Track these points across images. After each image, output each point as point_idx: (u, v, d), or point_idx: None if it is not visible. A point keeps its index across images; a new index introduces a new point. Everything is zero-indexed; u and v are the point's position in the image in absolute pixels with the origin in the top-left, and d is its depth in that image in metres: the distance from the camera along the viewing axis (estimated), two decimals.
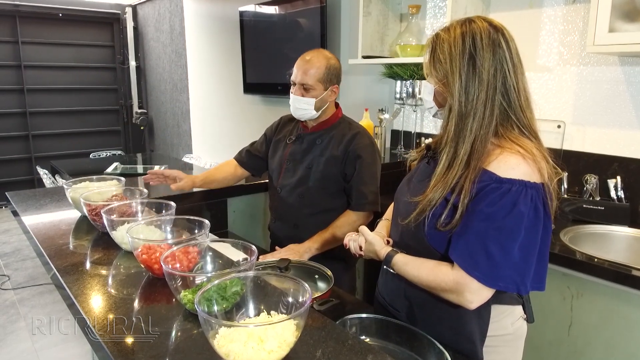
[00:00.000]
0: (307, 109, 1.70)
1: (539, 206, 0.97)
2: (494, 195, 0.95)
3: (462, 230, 0.99)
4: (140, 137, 6.43)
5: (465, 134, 1.00)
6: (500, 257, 0.95)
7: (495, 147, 1.01)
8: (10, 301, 3.34)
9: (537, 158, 0.98)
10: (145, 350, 0.85)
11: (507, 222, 0.94)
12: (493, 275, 0.96)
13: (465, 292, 0.97)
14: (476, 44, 0.99)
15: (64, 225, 1.55)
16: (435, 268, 1.03)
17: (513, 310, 1.11)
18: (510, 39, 1.02)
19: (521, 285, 0.98)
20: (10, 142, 5.82)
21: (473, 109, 0.99)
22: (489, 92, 0.99)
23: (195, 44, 4.93)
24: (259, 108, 4.09)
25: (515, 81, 1.01)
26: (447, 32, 1.04)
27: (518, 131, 1.03)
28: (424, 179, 1.11)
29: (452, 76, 1.01)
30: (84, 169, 3.95)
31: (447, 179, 1.01)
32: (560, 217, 1.92)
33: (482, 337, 1.07)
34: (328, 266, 1.42)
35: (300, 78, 1.69)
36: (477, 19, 1.04)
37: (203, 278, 0.98)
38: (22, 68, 5.70)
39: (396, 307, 1.19)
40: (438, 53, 1.04)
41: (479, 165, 0.99)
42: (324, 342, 0.89)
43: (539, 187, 0.97)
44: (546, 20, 2.05)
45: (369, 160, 1.69)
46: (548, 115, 2.08)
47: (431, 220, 1.03)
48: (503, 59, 1.00)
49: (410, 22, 2.47)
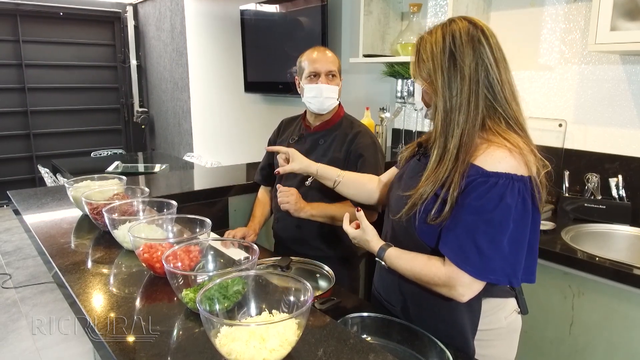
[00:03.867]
0: (335, 97, 1.71)
1: (527, 199, 0.98)
2: (481, 189, 0.97)
3: (451, 224, 1.01)
4: (141, 136, 6.44)
5: (453, 127, 1.02)
6: (490, 250, 0.96)
7: (483, 141, 1.03)
8: (12, 300, 3.34)
9: (524, 151, 1.00)
10: (147, 349, 0.85)
11: (495, 215, 0.96)
12: (484, 268, 0.97)
13: (457, 286, 0.99)
14: (455, 41, 1.03)
15: (65, 224, 1.55)
16: (428, 262, 1.04)
17: (506, 303, 1.12)
18: (491, 35, 1.05)
19: (513, 278, 0.99)
20: (12, 141, 5.82)
21: (458, 104, 1.02)
22: (472, 86, 1.02)
23: (196, 43, 4.93)
24: (259, 107, 4.09)
25: (499, 74, 1.04)
26: (430, 34, 1.08)
27: (505, 124, 1.04)
28: (414, 175, 1.13)
29: (435, 74, 1.04)
30: (85, 168, 3.96)
31: (438, 173, 1.03)
32: (562, 215, 1.92)
33: (474, 330, 1.08)
34: (330, 266, 1.42)
35: (328, 66, 1.69)
36: (457, 19, 1.07)
37: (204, 277, 0.98)
38: (23, 67, 5.71)
39: (391, 302, 1.21)
40: (422, 54, 1.08)
41: (467, 159, 1.01)
42: (326, 341, 0.89)
43: (526, 180, 0.99)
44: (547, 19, 2.05)
45: (371, 160, 1.68)
46: (549, 114, 2.08)
47: (422, 214, 1.05)
48: (484, 54, 1.03)
49: (411, 20, 2.47)
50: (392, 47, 2.62)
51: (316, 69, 1.68)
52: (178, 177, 2.59)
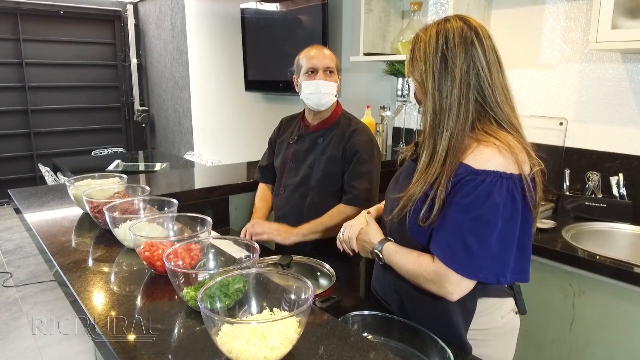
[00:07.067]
0: (332, 93, 1.71)
1: (517, 197, 0.97)
2: (469, 187, 0.97)
3: (440, 223, 1.01)
4: (141, 135, 6.43)
5: (442, 130, 1.02)
6: (478, 248, 0.96)
7: (473, 140, 1.02)
8: (13, 298, 3.35)
9: (515, 150, 0.99)
10: (148, 347, 0.85)
11: (483, 213, 0.95)
12: (471, 266, 0.97)
13: (445, 284, 0.99)
14: (448, 42, 1.02)
15: (66, 223, 1.55)
16: (419, 258, 1.05)
17: (503, 303, 1.11)
18: (485, 36, 1.03)
19: (501, 276, 0.98)
20: (12, 140, 5.83)
21: (448, 106, 1.01)
22: (462, 89, 1.01)
23: (197, 42, 4.93)
24: (260, 105, 4.09)
25: (490, 78, 1.02)
26: (425, 32, 1.06)
27: (496, 125, 1.04)
28: (408, 176, 1.12)
29: (426, 74, 1.03)
30: (86, 167, 3.96)
31: (427, 174, 1.03)
32: (562, 214, 1.92)
33: (466, 329, 1.08)
34: (330, 264, 1.42)
35: (325, 62, 1.69)
36: (452, 18, 1.05)
37: (205, 275, 0.98)
38: (24, 66, 5.71)
39: (388, 301, 1.21)
40: (415, 52, 1.07)
41: (455, 160, 1.00)
42: (326, 339, 0.89)
43: (516, 178, 0.98)
44: (548, 17, 2.05)
45: (365, 156, 1.68)
46: (550, 113, 2.08)
47: (412, 215, 1.05)
48: (475, 57, 1.01)
49: (412, 19, 2.46)
50: (393, 45, 2.62)
51: (314, 65, 1.69)
52: (178, 175, 2.59)
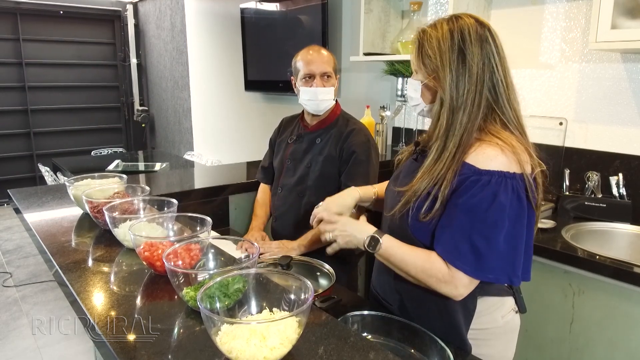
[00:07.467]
0: (330, 98, 1.71)
1: (522, 196, 0.98)
2: (474, 188, 0.97)
3: (445, 224, 1.00)
4: (141, 135, 6.43)
5: (455, 127, 1.02)
6: (486, 248, 0.96)
7: (475, 140, 1.02)
8: (13, 298, 3.35)
9: (517, 150, 0.99)
10: (148, 347, 0.85)
11: (490, 213, 0.95)
12: (480, 267, 0.97)
13: (459, 286, 0.99)
14: (465, 39, 1.01)
15: (66, 223, 1.55)
16: (430, 256, 1.02)
17: (503, 302, 1.11)
18: (496, 35, 1.04)
19: (513, 276, 0.99)
20: (12, 140, 5.82)
21: (463, 103, 1.01)
22: (477, 86, 1.01)
23: (197, 41, 4.93)
24: (260, 105, 4.09)
25: (503, 75, 1.03)
26: (434, 28, 1.05)
27: (501, 124, 1.04)
28: (410, 173, 1.12)
29: (443, 71, 1.02)
30: (86, 167, 3.96)
31: (433, 171, 1.02)
32: (562, 214, 1.92)
33: (467, 328, 1.08)
34: (329, 264, 1.42)
35: (323, 68, 1.69)
36: (463, 16, 1.05)
37: (205, 275, 0.98)
38: (24, 65, 5.71)
39: (388, 300, 1.21)
40: (426, 48, 1.05)
41: (461, 157, 1.00)
42: (326, 339, 0.89)
43: (519, 177, 0.98)
44: (548, 17, 2.05)
45: (362, 157, 1.68)
46: (550, 113, 2.08)
47: (415, 211, 1.04)
48: (490, 54, 1.02)
49: (411, 19, 2.46)
50: (393, 45, 2.62)
51: (311, 71, 1.68)
52: (178, 175, 2.59)
